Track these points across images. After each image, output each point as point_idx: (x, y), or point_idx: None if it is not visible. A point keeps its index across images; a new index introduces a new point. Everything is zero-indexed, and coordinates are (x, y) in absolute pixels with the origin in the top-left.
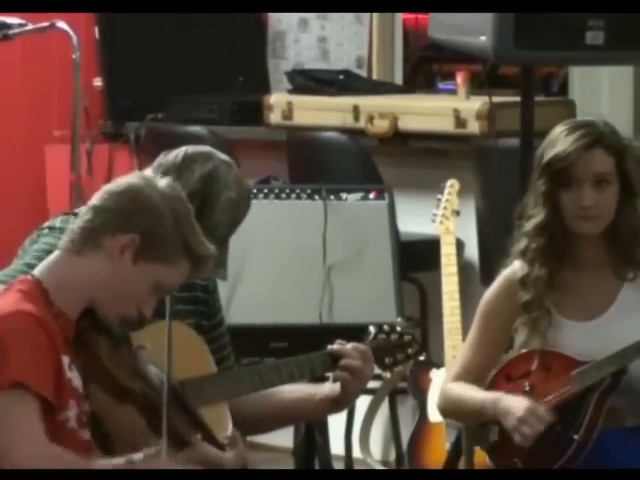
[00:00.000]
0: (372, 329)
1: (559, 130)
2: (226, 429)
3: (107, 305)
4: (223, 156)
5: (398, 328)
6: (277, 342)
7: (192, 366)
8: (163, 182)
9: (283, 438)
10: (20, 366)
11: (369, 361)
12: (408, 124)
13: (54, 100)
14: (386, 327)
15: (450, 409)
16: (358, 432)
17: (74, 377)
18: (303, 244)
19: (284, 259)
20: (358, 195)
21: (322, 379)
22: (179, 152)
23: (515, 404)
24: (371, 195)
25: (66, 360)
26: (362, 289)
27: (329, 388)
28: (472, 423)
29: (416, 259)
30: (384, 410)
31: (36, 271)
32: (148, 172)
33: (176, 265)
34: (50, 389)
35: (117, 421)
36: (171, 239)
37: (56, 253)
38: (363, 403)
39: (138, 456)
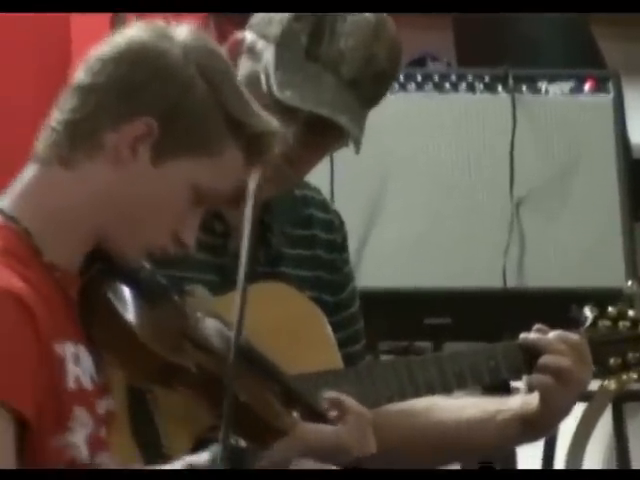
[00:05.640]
0: (589, 312)
1: None
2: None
3: (123, 236)
4: None
5: (630, 313)
6: (435, 317)
7: (308, 356)
8: (181, 29)
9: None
10: None
11: (585, 360)
12: None
13: None
14: (611, 310)
15: None
16: (563, 459)
17: (83, 370)
18: (477, 161)
19: (447, 184)
20: (565, 85)
21: (506, 388)
22: None
23: None
24: (586, 85)
25: (68, 350)
26: (569, 235)
27: (520, 402)
28: None
29: None
30: (605, 425)
31: (6, 205)
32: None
33: (221, 155)
34: (33, 406)
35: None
36: (206, 115)
37: (31, 172)
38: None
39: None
